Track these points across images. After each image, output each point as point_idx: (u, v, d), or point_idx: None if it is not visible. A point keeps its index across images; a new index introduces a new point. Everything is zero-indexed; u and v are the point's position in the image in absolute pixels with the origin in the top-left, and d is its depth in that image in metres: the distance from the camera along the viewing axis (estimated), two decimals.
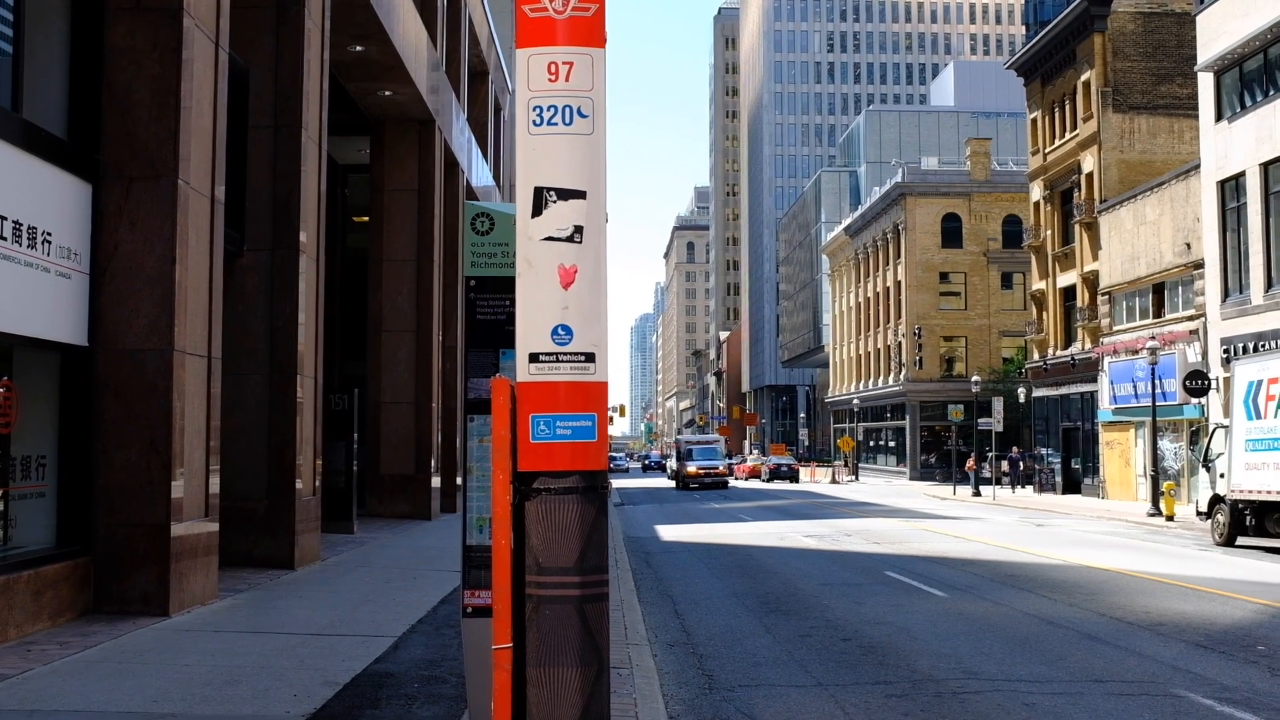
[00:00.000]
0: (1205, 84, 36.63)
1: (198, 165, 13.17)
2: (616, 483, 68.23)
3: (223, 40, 14.14)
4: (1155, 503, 34.04)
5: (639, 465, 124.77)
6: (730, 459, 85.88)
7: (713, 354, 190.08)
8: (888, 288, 79.72)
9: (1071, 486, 49.57)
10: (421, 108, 26.87)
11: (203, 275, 13.38)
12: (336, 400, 22.58)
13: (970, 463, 53.75)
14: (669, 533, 29.48)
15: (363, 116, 27.44)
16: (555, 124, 5.01)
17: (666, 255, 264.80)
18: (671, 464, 75.49)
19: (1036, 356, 54.02)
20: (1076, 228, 48.35)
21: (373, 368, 27.70)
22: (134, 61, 12.65)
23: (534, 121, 5.02)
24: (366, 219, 29.18)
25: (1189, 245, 38.29)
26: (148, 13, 12.68)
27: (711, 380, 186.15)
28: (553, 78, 5.02)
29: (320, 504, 18.47)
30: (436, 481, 28.23)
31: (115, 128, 12.57)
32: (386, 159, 28.02)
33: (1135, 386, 40.41)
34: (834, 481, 73.15)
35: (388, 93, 25.69)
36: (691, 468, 61.19)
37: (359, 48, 22.79)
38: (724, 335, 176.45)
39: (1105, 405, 44.44)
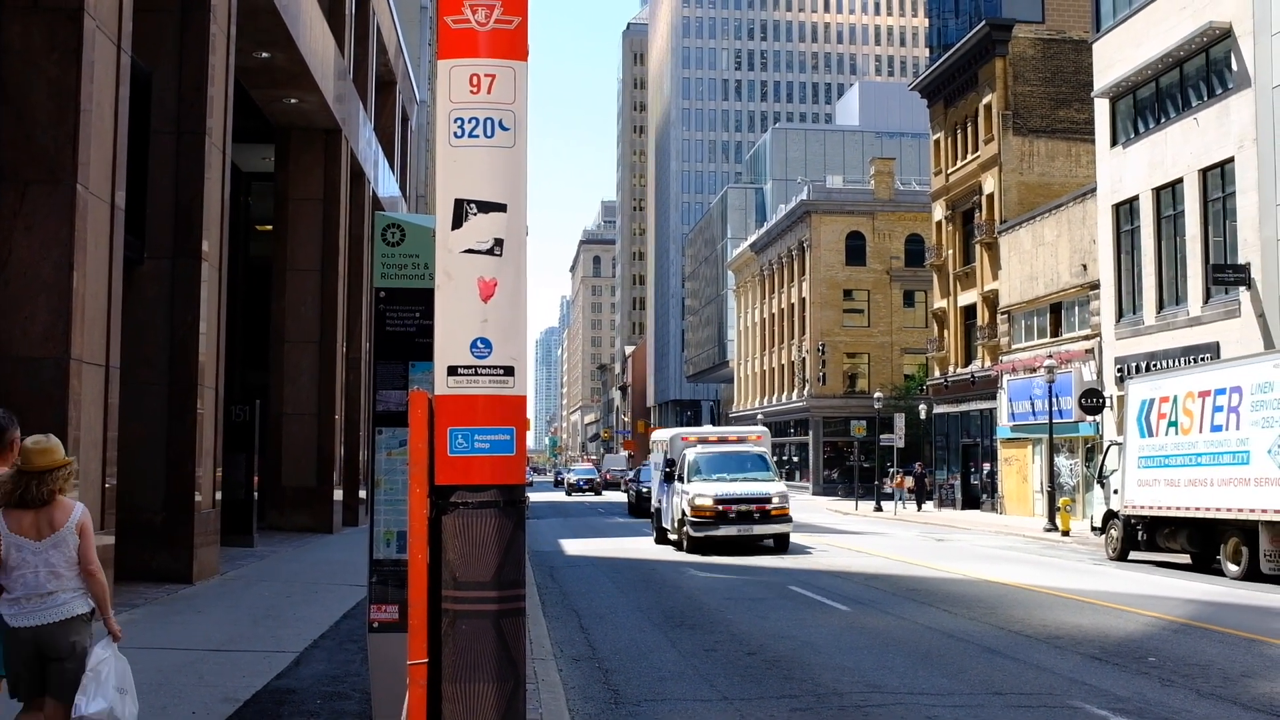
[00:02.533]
0: (1101, 110, 37.60)
1: (97, 170, 12.88)
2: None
3: (125, 43, 13.85)
4: (1051, 518, 34.75)
5: (551, 480, 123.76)
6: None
7: (618, 368, 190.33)
8: (792, 304, 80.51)
9: (971, 502, 50.41)
10: (328, 116, 26.58)
11: (101, 282, 13.08)
12: (237, 411, 22.20)
13: (900, 479, 53.62)
14: (573, 547, 29.41)
15: (268, 124, 27.06)
16: (476, 136, 4.98)
17: (572, 269, 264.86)
18: (651, 492, 35.28)
19: (937, 374, 54.92)
20: (977, 247, 49.27)
21: (275, 379, 27.29)
22: (31, 62, 12.34)
23: (455, 133, 5.00)
24: (270, 227, 28.76)
25: (1085, 266, 39.22)
26: (46, 13, 12.39)
27: (616, 394, 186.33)
28: (474, 90, 4.99)
29: (220, 516, 18.14)
30: (339, 495, 27.88)
31: (11, 130, 12.25)
32: (291, 167, 27.66)
33: (1033, 404, 41.25)
34: None
35: (293, 100, 25.37)
36: (705, 498, 26.35)
37: (265, 54, 22.48)
38: (629, 350, 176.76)
39: (1004, 422, 45.29)
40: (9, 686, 6.37)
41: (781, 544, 26.52)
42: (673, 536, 27.91)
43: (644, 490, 41.11)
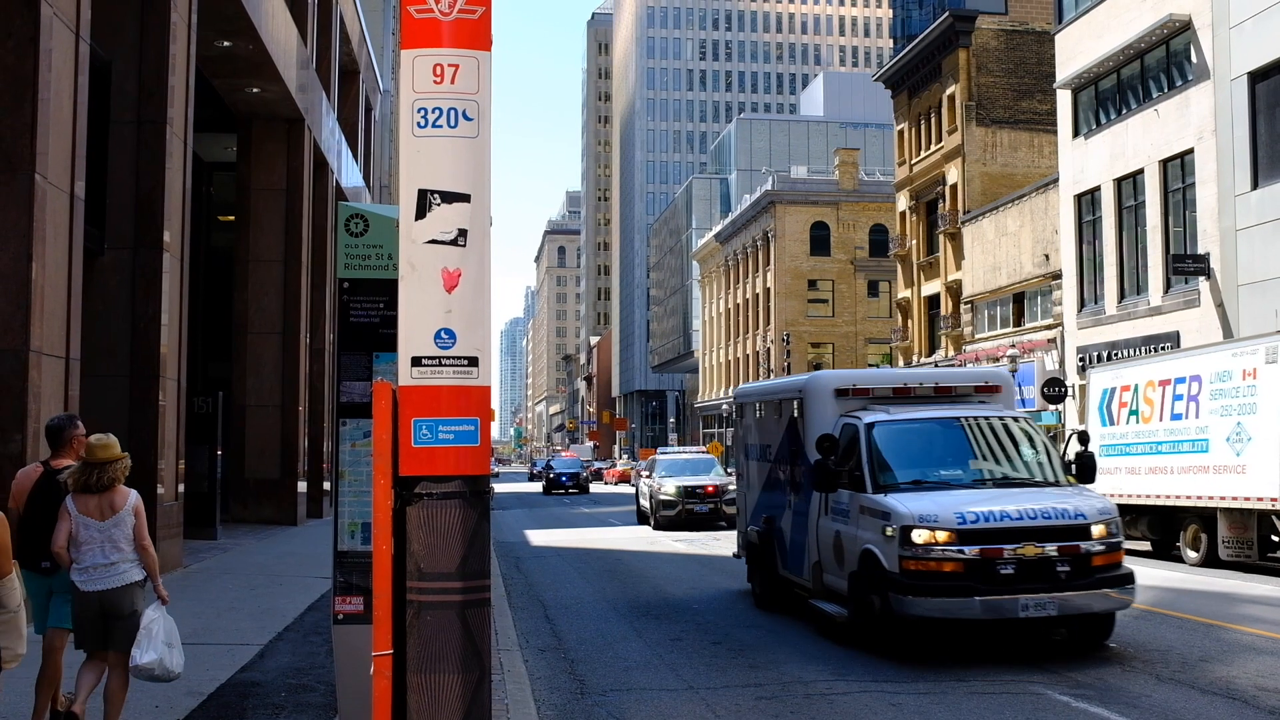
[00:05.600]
0: (1063, 101, 37.85)
1: (56, 160, 12.76)
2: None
3: (84, 31, 13.71)
4: None
5: (525, 471, 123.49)
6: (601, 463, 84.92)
7: (583, 359, 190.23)
8: (757, 294, 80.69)
9: None
10: (290, 106, 26.39)
11: (61, 273, 12.97)
12: (200, 403, 22.05)
13: None
14: (538, 538, 29.40)
15: (230, 113, 26.85)
16: (440, 126, 4.98)
17: (537, 259, 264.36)
18: (665, 499, 31.68)
19: (902, 363, 55.18)
20: (941, 238, 49.52)
21: (238, 370, 27.11)
22: None
23: (418, 123, 4.99)
24: (232, 218, 28.55)
25: (1047, 256, 39.49)
26: None
27: (582, 385, 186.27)
28: (438, 80, 4.99)
29: (182, 509, 18.03)
30: (303, 486, 27.74)
31: None
32: (254, 157, 27.46)
33: None
34: None
35: (256, 90, 25.18)
36: (931, 527, 11.42)
37: (227, 43, 22.30)
38: (594, 340, 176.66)
39: None
40: (75, 639, 7.75)
41: (1100, 629, 12.17)
42: (829, 608, 13.16)
43: (667, 496, 31.42)
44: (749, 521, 16.91)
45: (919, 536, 11.36)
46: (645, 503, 34.00)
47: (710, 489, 31.40)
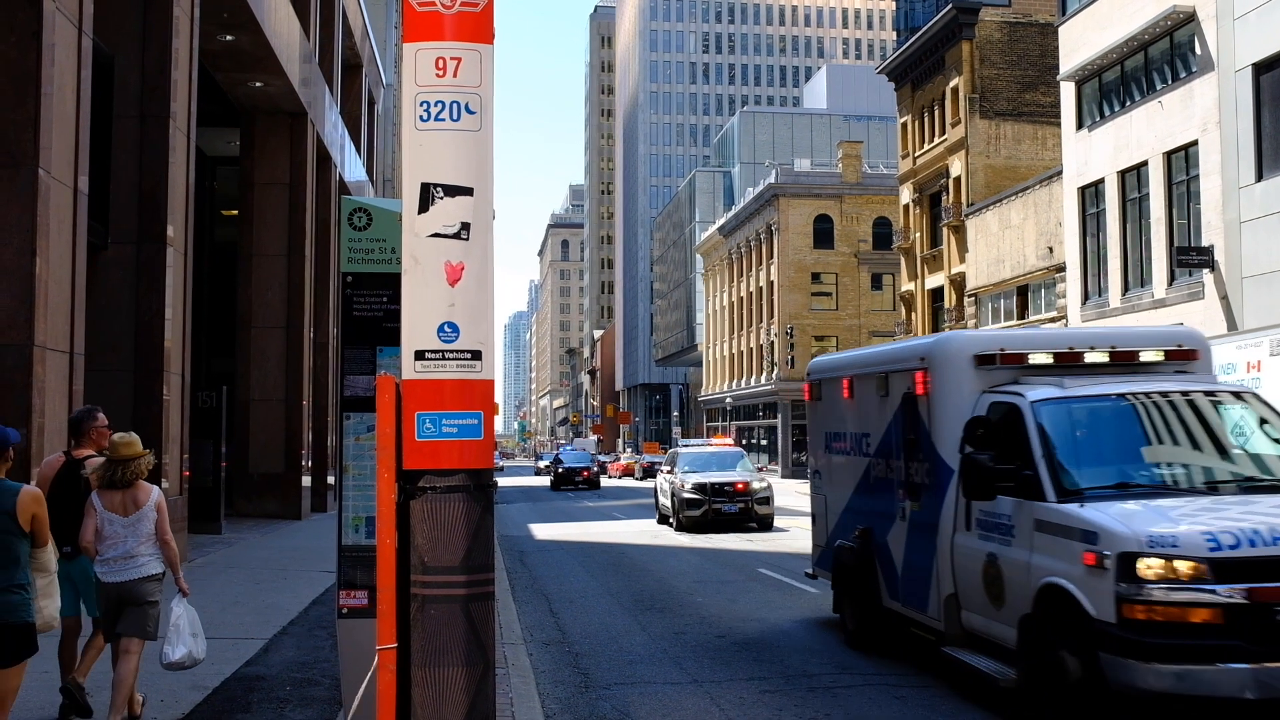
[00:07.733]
0: (1067, 93, 37.77)
1: (59, 155, 12.76)
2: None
3: (86, 25, 13.71)
4: None
5: (530, 465, 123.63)
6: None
7: (587, 352, 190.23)
8: (760, 287, 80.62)
9: None
10: (293, 100, 26.39)
11: (65, 268, 12.97)
12: (204, 397, 22.06)
13: None
14: (543, 531, 29.42)
15: (233, 108, 26.84)
16: (443, 120, 4.97)
17: (541, 253, 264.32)
18: (729, 501, 28.31)
19: None
20: (945, 230, 49.45)
21: (242, 365, 27.12)
22: None
23: (421, 117, 4.98)
24: (236, 212, 28.55)
25: (1051, 249, 39.44)
26: None
27: (585, 379, 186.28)
28: (440, 73, 4.98)
29: (187, 504, 18.04)
30: (307, 481, 27.76)
31: None
32: (257, 152, 27.46)
33: None
34: None
35: (259, 84, 25.18)
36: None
37: (229, 37, 22.29)
38: (598, 333, 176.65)
39: None
40: (103, 629, 8.14)
41: None
42: (983, 665, 9.33)
43: (691, 494, 28.24)
44: (834, 533, 13.19)
45: (1149, 568, 7.53)
46: (665, 501, 30.52)
47: (740, 486, 28.18)
